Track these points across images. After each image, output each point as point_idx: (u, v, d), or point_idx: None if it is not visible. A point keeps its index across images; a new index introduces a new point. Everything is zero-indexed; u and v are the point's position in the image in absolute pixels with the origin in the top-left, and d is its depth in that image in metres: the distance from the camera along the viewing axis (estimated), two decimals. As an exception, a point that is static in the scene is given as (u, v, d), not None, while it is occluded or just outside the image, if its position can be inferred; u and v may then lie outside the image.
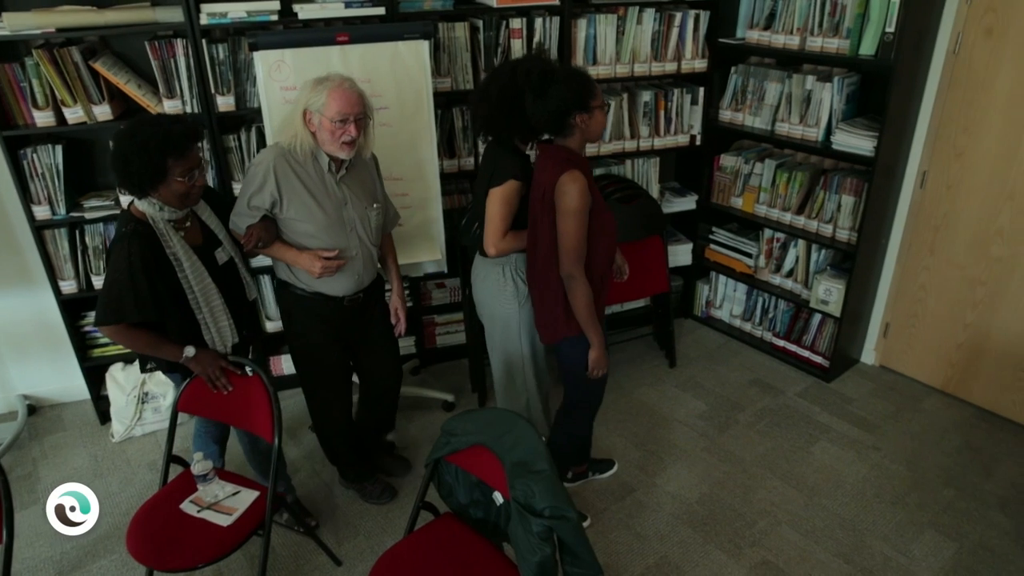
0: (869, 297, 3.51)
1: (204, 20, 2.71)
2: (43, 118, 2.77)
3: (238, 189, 2.94)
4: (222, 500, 2.22)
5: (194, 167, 2.09)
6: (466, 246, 3.12)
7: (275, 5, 2.78)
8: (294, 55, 2.67)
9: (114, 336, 2.13)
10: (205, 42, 2.77)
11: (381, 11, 2.91)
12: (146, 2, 2.82)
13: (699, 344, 3.89)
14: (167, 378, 2.55)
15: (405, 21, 2.92)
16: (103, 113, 2.80)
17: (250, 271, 2.44)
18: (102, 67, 2.75)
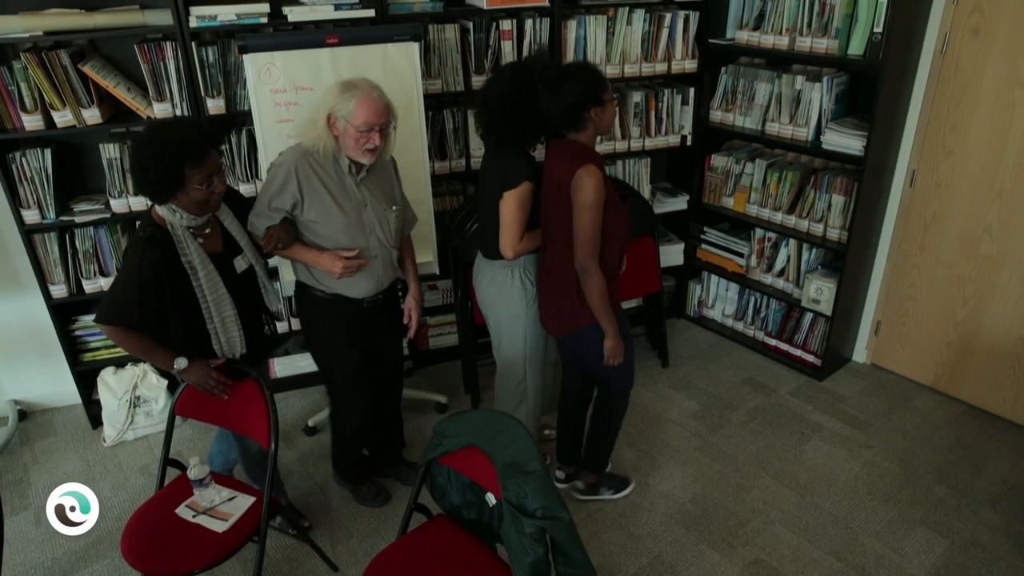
0: (860, 296, 3.53)
1: (193, 23, 2.70)
2: (32, 122, 2.76)
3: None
4: (218, 505, 2.21)
5: (212, 174, 2.03)
6: (458, 248, 3.12)
7: (264, 8, 2.78)
8: (284, 58, 2.67)
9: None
10: (195, 45, 2.77)
11: (371, 13, 2.91)
12: (135, 5, 2.82)
13: (691, 344, 3.90)
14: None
15: (395, 23, 2.92)
16: (92, 117, 2.79)
17: (270, 279, 2.39)
18: (91, 70, 2.73)
